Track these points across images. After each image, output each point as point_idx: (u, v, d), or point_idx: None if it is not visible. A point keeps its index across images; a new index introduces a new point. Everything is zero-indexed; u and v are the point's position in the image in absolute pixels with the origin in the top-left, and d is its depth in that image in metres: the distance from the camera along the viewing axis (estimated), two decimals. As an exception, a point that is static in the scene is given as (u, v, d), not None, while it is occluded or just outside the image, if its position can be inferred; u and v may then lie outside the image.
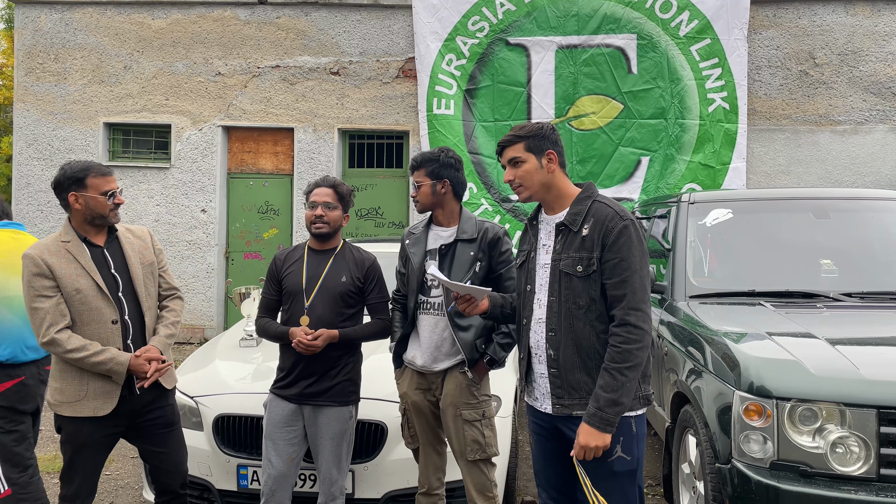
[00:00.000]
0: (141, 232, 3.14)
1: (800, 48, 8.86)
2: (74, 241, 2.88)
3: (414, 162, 3.11)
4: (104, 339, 2.84)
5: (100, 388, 2.83)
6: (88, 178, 2.89)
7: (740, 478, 2.86)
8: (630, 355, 2.34)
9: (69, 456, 2.88)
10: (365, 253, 3.33)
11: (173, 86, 9.54)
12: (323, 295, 3.15)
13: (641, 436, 2.46)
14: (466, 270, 3.00)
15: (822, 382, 2.80)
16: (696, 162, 8.68)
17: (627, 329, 2.35)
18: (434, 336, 3.06)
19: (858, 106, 8.80)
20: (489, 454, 3.02)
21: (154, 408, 2.99)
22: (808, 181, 8.80)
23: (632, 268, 2.37)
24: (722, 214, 4.36)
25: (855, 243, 4.13)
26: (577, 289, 2.43)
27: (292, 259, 3.27)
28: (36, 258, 2.79)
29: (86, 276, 2.84)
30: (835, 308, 3.61)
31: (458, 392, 3.01)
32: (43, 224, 9.57)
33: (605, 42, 8.82)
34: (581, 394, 2.44)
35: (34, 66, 9.66)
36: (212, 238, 9.48)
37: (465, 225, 3.08)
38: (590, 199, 2.50)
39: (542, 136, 2.52)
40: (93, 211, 2.90)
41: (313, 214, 3.17)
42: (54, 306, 2.78)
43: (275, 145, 9.65)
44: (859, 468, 2.71)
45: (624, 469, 2.41)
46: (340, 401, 3.14)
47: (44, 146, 9.61)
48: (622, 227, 2.39)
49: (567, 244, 2.47)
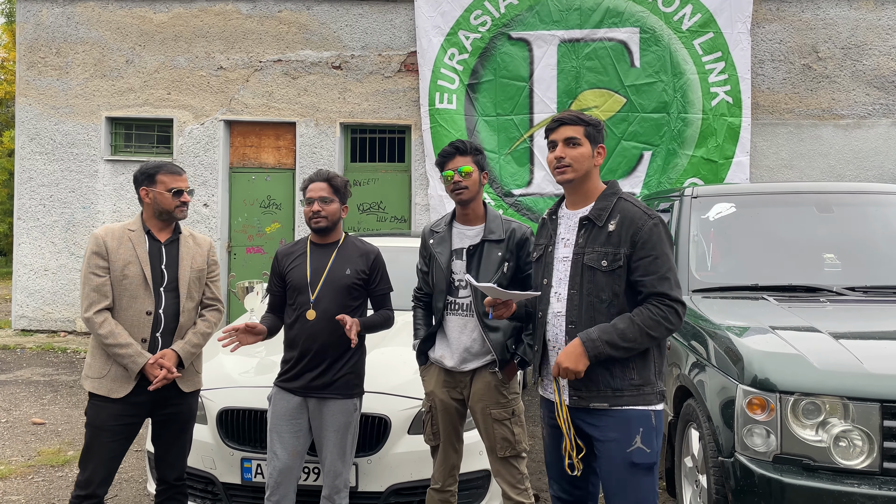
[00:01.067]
0: (203, 241, 3.32)
1: (803, 42, 8.84)
2: (139, 232, 3.11)
3: (461, 146, 3.01)
4: (135, 327, 3.01)
5: (120, 372, 2.99)
6: (159, 174, 3.11)
7: (743, 471, 2.86)
8: (659, 328, 2.39)
9: (88, 439, 3.01)
10: (368, 245, 3.32)
11: (175, 80, 9.53)
12: (328, 288, 3.16)
13: (660, 430, 2.48)
14: (494, 271, 2.97)
15: (826, 376, 2.80)
16: (698, 156, 8.66)
17: (670, 310, 2.40)
18: (463, 337, 3.03)
19: (861, 100, 8.78)
20: (519, 451, 3.03)
21: (171, 405, 3.12)
22: (811, 175, 8.78)
23: (667, 264, 2.43)
24: (725, 209, 4.35)
25: (858, 237, 4.12)
26: (601, 283, 2.45)
27: (295, 254, 3.28)
28: (99, 238, 3.03)
29: (137, 264, 3.03)
30: (838, 302, 3.61)
31: (487, 392, 3.00)
32: (45, 218, 9.59)
33: (607, 36, 8.80)
34: (599, 386, 2.45)
35: (36, 60, 9.65)
36: (214, 232, 9.48)
37: (491, 224, 3.03)
38: (615, 195, 2.54)
39: (599, 129, 2.58)
40: (160, 206, 3.10)
41: (311, 210, 3.18)
42: (100, 286, 2.98)
43: (277, 139, 9.64)
44: (862, 462, 2.71)
45: (643, 461, 2.42)
46: (345, 393, 3.15)
47: (46, 141, 9.62)
48: (653, 225, 2.44)
49: (591, 238, 2.49)
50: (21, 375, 7.36)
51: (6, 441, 5.24)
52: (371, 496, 3.41)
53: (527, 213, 8.96)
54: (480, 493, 3.48)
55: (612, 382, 2.44)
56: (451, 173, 2.98)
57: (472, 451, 3.32)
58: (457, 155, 3.00)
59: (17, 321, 9.71)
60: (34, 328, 9.61)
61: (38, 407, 6.15)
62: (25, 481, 4.48)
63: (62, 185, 9.60)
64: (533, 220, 8.93)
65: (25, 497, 4.24)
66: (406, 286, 3.88)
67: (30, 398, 6.44)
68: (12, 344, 8.91)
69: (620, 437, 2.42)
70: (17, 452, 5.01)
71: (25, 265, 9.65)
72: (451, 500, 3.18)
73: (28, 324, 9.65)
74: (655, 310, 2.39)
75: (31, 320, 9.63)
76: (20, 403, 6.27)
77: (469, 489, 3.45)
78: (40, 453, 4.98)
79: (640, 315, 2.40)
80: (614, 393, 2.44)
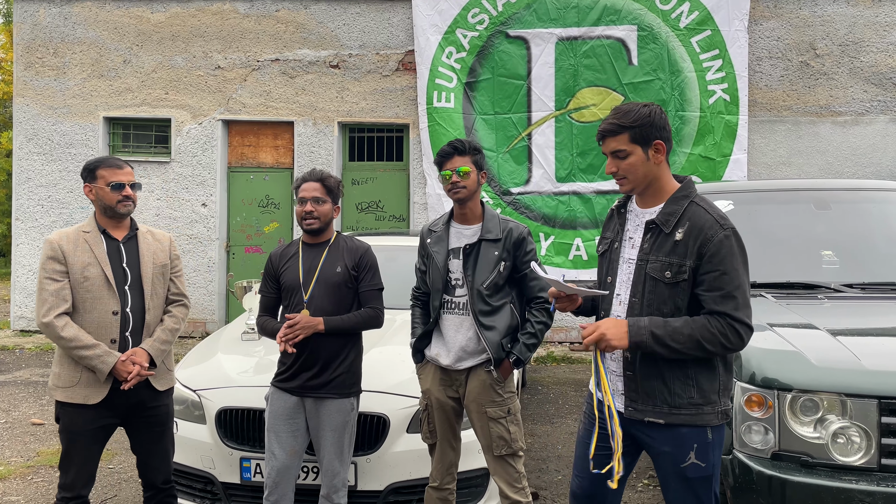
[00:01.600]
0: (162, 236, 3.24)
1: (801, 39, 8.84)
2: (94, 233, 3.03)
3: (459, 146, 3.00)
4: (103, 328, 2.95)
5: (92, 377, 2.93)
6: (99, 169, 3.03)
7: (742, 468, 2.87)
8: (714, 342, 2.20)
9: (65, 444, 2.97)
10: (358, 242, 3.33)
11: (173, 80, 9.52)
12: (320, 287, 3.16)
13: (718, 443, 2.34)
14: (491, 270, 2.97)
15: (823, 373, 2.81)
16: (696, 154, 8.67)
17: (731, 329, 2.20)
18: (459, 336, 3.04)
19: (859, 97, 8.78)
20: (515, 449, 3.01)
21: (148, 406, 3.07)
22: (809, 172, 8.79)
23: (735, 281, 2.21)
24: (722, 206, 4.35)
25: (856, 234, 4.13)
26: (664, 295, 2.28)
27: (288, 255, 3.28)
28: (54, 243, 2.96)
29: (97, 265, 2.97)
30: (836, 299, 3.61)
31: (482, 390, 3.00)
32: (43, 219, 9.58)
33: (605, 34, 8.80)
34: (655, 401, 2.32)
35: (33, 60, 9.64)
36: (213, 232, 9.48)
37: (489, 224, 3.03)
38: (687, 198, 2.33)
39: (649, 125, 2.31)
40: (102, 202, 3.02)
41: (303, 210, 3.17)
42: (58, 290, 2.90)
43: (275, 139, 9.64)
44: (860, 458, 2.72)
45: (697, 475, 2.30)
46: (342, 393, 3.15)
47: (43, 141, 9.61)
48: (723, 237, 2.22)
49: (657, 245, 2.32)
50: (20, 376, 7.36)
51: (5, 442, 5.24)
52: (370, 495, 3.41)
53: (525, 211, 8.96)
54: (479, 492, 3.48)
55: (670, 399, 2.29)
56: (449, 173, 2.99)
57: (470, 450, 3.32)
58: (455, 155, 3.01)
59: (15, 322, 9.71)
60: (33, 329, 9.60)
61: (38, 407, 6.15)
62: (25, 482, 4.48)
63: (60, 185, 9.59)
64: (532, 218, 8.94)
65: (25, 497, 4.24)
66: (404, 285, 3.89)
67: (29, 399, 6.44)
68: (11, 344, 8.91)
69: (674, 452, 2.31)
70: (17, 453, 5.01)
71: (24, 266, 9.64)
72: (450, 498, 3.18)
73: (27, 324, 9.65)
74: (715, 323, 2.20)
75: (30, 321, 9.62)
76: (19, 404, 6.26)
77: (468, 487, 3.46)
78: (39, 454, 4.98)
79: (697, 322, 2.21)
80: (671, 410, 2.29)
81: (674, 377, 2.29)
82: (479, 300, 2.97)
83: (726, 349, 2.22)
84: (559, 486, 4.44)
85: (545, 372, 7.75)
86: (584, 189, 8.86)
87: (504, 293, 3.01)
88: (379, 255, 5.18)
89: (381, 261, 5.10)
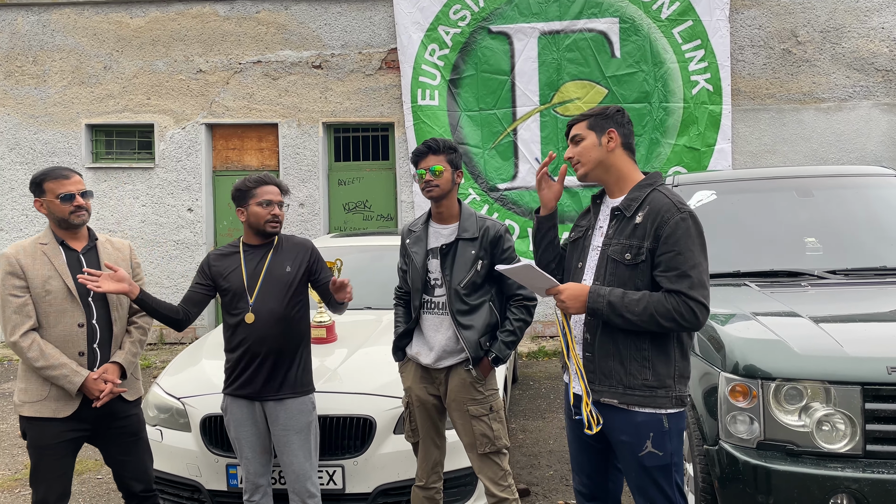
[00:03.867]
0: (121, 244, 3.18)
1: (782, 26, 8.85)
2: (52, 244, 2.95)
3: (433, 145, 3.01)
4: (69, 341, 2.89)
5: (61, 391, 2.88)
6: (45, 182, 2.93)
7: (728, 459, 2.87)
8: (669, 317, 2.26)
9: (34, 460, 2.91)
10: (301, 239, 3.34)
11: (154, 85, 9.45)
12: (270, 288, 3.12)
13: (676, 432, 2.37)
14: (468, 269, 2.97)
15: (807, 361, 2.81)
16: (680, 145, 8.67)
17: (686, 307, 2.26)
18: (438, 335, 3.03)
19: (842, 83, 8.80)
20: (499, 447, 3.00)
21: (119, 417, 3.02)
22: (793, 160, 8.81)
23: (690, 261, 2.28)
24: (706, 196, 4.35)
25: (839, 221, 4.13)
26: (624, 277, 2.37)
27: (227, 258, 3.22)
28: (10, 258, 2.87)
29: (58, 278, 2.90)
30: (819, 286, 3.61)
31: (462, 388, 3.00)
32: (28, 229, 9.50)
33: (587, 27, 8.79)
34: (612, 381, 2.38)
35: (13, 69, 9.56)
36: (199, 237, 9.43)
37: (465, 223, 3.03)
38: (650, 186, 2.43)
39: (605, 116, 2.49)
40: (55, 215, 2.94)
41: (269, 213, 3.14)
42: (20, 307, 2.84)
43: (259, 141, 9.59)
44: (845, 445, 2.72)
45: (655, 464, 2.34)
46: (300, 391, 3.14)
47: (26, 150, 9.53)
48: (679, 220, 2.31)
49: (619, 230, 2.42)
50: (8, 388, 7.30)
51: (-7, 455, 5.19)
52: (358, 497, 3.39)
53: (513, 207, 8.95)
54: (468, 491, 3.47)
55: (625, 380, 2.35)
56: (423, 172, 2.99)
57: (457, 449, 3.30)
58: (429, 154, 3.01)
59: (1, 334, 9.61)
60: (21, 340, 9.52)
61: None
62: (12, 495, 4.44)
63: (44, 194, 9.50)
64: (519, 213, 8.93)
65: (12, 511, 4.20)
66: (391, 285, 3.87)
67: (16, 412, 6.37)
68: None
69: (631, 441, 2.36)
70: (4, 466, 4.97)
71: (10, 276, 9.56)
72: (437, 497, 3.17)
73: (15, 335, 9.56)
74: (671, 300, 2.27)
75: (18, 332, 9.53)
76: (7, 417, 6.21)
77: (456, 487, 3.44)
78: (27, 466, 4.94)
79: (654, 297, 2.29)
80: (626, 391, 2.35)
81: (630, 357, 2.36)
82: (457, 300, 2.96)
83: (681, 326, 2.29)
84: (551, 482, 4.44)
85: (537, 367, 7.75)
86: (570, 183, 8.84)
87: (483, 291, 3.00)
88: (365, 255, 5.22)
89: (367, 261, 5.13)
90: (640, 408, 2.35)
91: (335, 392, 3.50)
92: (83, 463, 4.82)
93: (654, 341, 2.36)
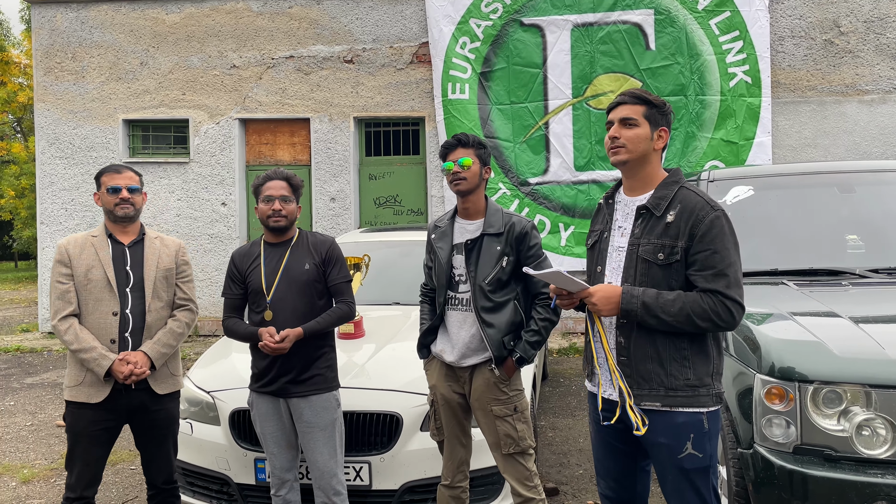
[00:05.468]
0: (171, 242, 3.29)
1: (824, 17, 8.60)
2: (101, 237, 3.15)
3: (463, 139, 3.00)
4: (104, 329, 3.04)
5: (95, 378, 3.03)
6: (102, 177, 3.16)
7: (763, 463, 2.78)
8: (705, 317, 2.22)
9: (70, 444, 3.07)
10: (322, 236, 3.30)
11: (189, 80, 9.57)
12: (290, 286, 3.13)
13: (714, 432, 2.32)
14: (493, 265, 2.93)
15: (846, 363, 2.71)
16: (718, 138, 8.50)
17: (722, 306, 2.22)
18: (462, 332, 3.00)
19: (886, 74, 8.53)
20: (523, 447, 2.96)
21: (150, 410, 3.14)
22: (835, 154, 8.57)
23: (726, 260, 2.25)
24: (742, 192, 4.24)
25: (882, 217, 3.98)
26: (657, 277, 2.31)
27: (252, 256, 3.24)
28: (62, 247, 3.10)
29: (100, 268, 3.07)
30: (860, 285, 3.49)
31: (486, 388, 2.96)
32: (67, 222, 9.70)
33: (621, 19, 8.65)
34: (652, 385, 2.31)
35: (52, 65, 9.75)
36: (233, 230, 9.53)
37: (491, 218, 2.99)
38: (677, 184, 2.37)
39: (664, 112, 2.42)
40: (105, 206, 3.15)
41: (270, 209, 3.14)
42: (64, 293, 3.04)
43: (291, 136, 9.65)
44: (886, 451, 2.62)
45: (695, 466, 2.29)
46: (323, 387, 3.14)
47: (65, 145, 9.72)
48: (714, 218, 2.26)
49: (648, 229, 2.35)
50: (47, 378, 7.46)
51: (30, 444, 5.31)
52: (385, 494, 3.38)
53: (544, 201, 8.87)
54: (495, 490, 3.43)
55: (667, 381, 2.29)
56: (451, 165, 2.96)
57: (484, 448, 3.26)
58: (458, 147, 2.99)
59: (43, 324, 9.86)
60: (60, 331, 9.74)
61: (63, 409, 6.22)
62: (48, 484, 4.53)
63: (83, 188, 9.70)
64: (551, 208, 8.84)
65: (47, 500, 4.29)
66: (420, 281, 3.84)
67: (55, 401, 6.53)
68: (39, 347, 9.05)
69: (671, 443, 2.29)
70: (41, 455, 5.07)
71: (49, 269, 9.77)
72: (463, 496, 3.14)
73: (54, 326, 9.79)
74: (707, 299, 2.22)
75: (58, 323, 9.76)
76: (45, 406, 6.35)
77: (483, 485, 3.41)
78: (63, 455, 5.04)
79: (690, 297, 2.24)
80: (668, 392, 2.29)
81: (671, 358, 2.29)
82: (482, 296, 2.92)
83: (717, 326, 2.25)
84: (580, 481, 4.38)
85: (567, 364, 7.67)
86: (603, 177, 8.74)
87: (509, 289, 2.95)
88: (394, 251, 5.20)
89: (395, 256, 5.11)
90: (683, 408, 2.29)
91: (362, 388, 3.49)
92: (117, 454, 4.90)
93: (693, 340, 2.30)
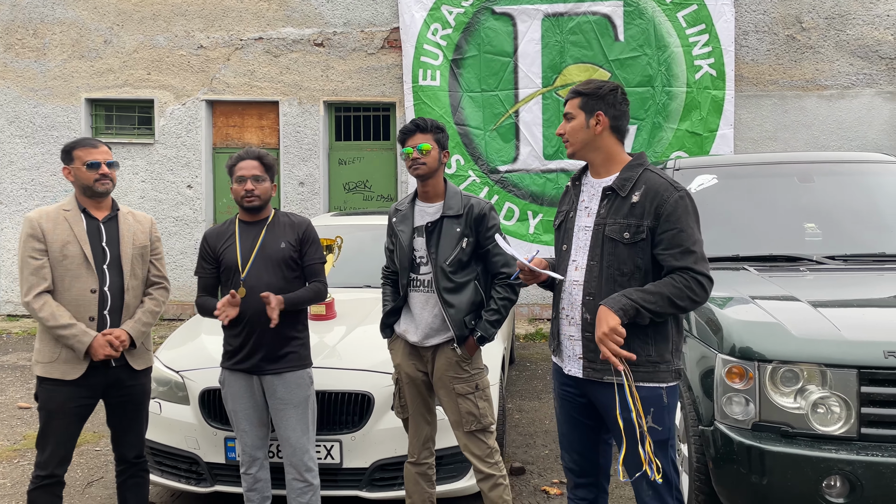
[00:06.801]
0: (143, 218, 3.25)
1: (787, 12, 8.80)
2: (74, 211, 3.05)
3: (421, 124, 3.04)
4: (81, 306, 2.97)
5: (71, 355, 2.96)
6: (75, 150, 3.05)
7: (723, 439, 2.89)
8: (683, 297, 2.30)
9: (43, 422, 2.99)
10: (298, 217, 3.32)
11: (155, 60, 9.40)
12: (265, 264, 3.14)
13: (672, 406, 2.41)
14: (454, 247, 2.99)
15: (804, 344, 2.82)
16: (683, 129, 8.65)
17: (695, 282, 2.31)
18: (425, 313, 3.06)
19: (845, 70, 8.76)
20: (485, 424, 3.04)
21: (126, 385, 3.09)
22: (795, 146, 8.79)
23: (692, 237, 2.34)
24: (707, 180, 4.35)
25: (839, 207, 4.13)
26: (622, 255, 2.39)
27: (226, 235, 3.24)
28: (33, 221, 2.98)
29: (76, 243, 2.99)
30: (818, 271, 3.63)
31: (448, 367, 3.03)
32: (28, 202, 9.48)
33: (591, 9, 8.73)
34: None
35: (13, 42, 9.49)
36: (199, 214, 9.42)
37: (450, 201, 3.06)
38: (641, 166, 2.47)
39: (597, 97, 2.48)
40: (81, 182, 3.04)
41: (243, 189, 3.14)
42: (38, 269, 2.94)
43: (260, 119, 9.55)
44: (840, 427, 2.75)
45: (655, 439, 2.36)
46: (298, 364, 3.16)
47: (25, 124, 9.48)
48: (678, 198, 2.36)
49: (614, 209, 2.43)
50: (7, 360, 7.32)
51: (-8, 426, 5.23)
52: (356, 472, 3.43)
53: (513, 189, 8.93)
54: (463, 468, 3.49)
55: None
56: (410, 150, 3.02)
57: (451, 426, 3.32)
58: (417, 132, 3.04)
59: (2, 306, 9.65)
60: (20, 313, 9.54)
61: (24, 391, 6.12)
62: (11, 465, 4.47)
63: (43, 168, 9.49)
64: (520, 196, 8.92)
65: (11, 480, 4.23)
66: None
67: (16, 383, 6.42)
68: (-2, 329, 8.86)
69: (631, 417, 2.35)
70: (3, 437, 5.00)
71: (9, 250, 9.56)
72: (429, 472, 3.20)
73: (13, 309, 9.59)
74: (679, 278, 2.31)
75: (17, 305, 9.56)
76: (6, 388, 6.24)
77: (451, 464, 3.47)
78: (26, 437, 4.97)
79: (662, 282, 2.33)
80: (629, 368, 2.34)
81: (632, 335, 2.33)
82: (443, 277, 2.99)
83: (694, 302, 2.33)
84: (546, 461, 4.47)
85: (534, 349, 7.78)
86: (571, 166, 8.83)
87: (469, 270, 3.03)
88: (365, 234, 5.21)
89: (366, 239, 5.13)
90: (643, 383, 2.37)
91: (334, 368, 3.52)
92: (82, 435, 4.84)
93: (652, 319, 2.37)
